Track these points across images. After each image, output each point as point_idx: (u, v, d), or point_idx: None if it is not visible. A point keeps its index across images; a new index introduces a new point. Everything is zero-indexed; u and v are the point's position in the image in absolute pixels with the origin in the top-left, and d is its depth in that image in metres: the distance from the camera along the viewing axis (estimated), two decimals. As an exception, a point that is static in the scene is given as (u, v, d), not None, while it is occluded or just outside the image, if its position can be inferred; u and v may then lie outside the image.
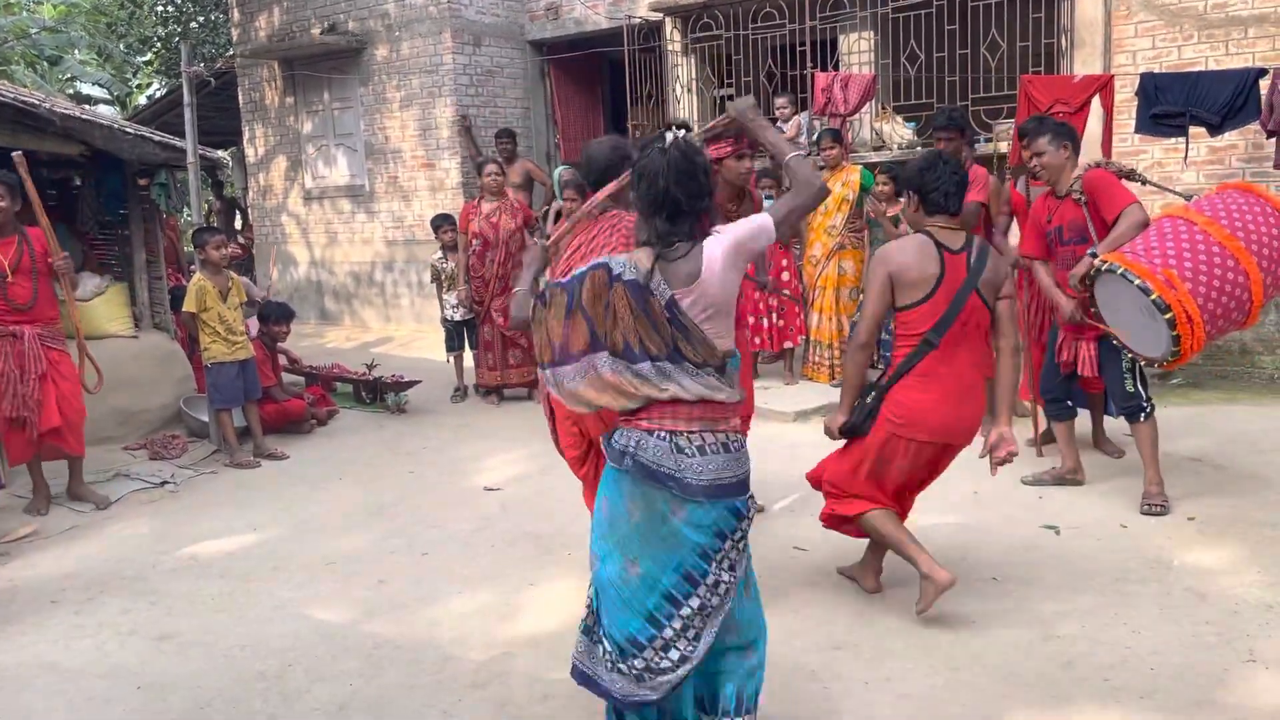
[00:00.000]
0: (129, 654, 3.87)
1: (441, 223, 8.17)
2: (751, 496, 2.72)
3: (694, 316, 2.57)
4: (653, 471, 2.57)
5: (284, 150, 12.24)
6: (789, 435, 6.40)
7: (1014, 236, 6.41)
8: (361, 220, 11.78)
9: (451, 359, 8.19)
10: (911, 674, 3.41)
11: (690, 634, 2.61)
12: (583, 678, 2.76)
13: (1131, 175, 5.12)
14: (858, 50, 9.26)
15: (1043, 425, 5.83)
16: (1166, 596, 3.88)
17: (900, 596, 3.97)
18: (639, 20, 10.35)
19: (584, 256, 3.44)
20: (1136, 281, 4.24)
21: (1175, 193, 5.64)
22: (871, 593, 4.02)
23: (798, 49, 9.39)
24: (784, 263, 7.58)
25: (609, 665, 2.67)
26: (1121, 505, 4.87)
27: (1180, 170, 7.19)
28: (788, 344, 7.64)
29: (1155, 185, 5.52)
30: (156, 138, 6.96)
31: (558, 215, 8.00)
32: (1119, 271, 4.30)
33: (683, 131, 2.70)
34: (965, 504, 5.01)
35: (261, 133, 12.42)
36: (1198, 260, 4.27)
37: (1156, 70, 7.10)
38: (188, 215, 12.61)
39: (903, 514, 3.91)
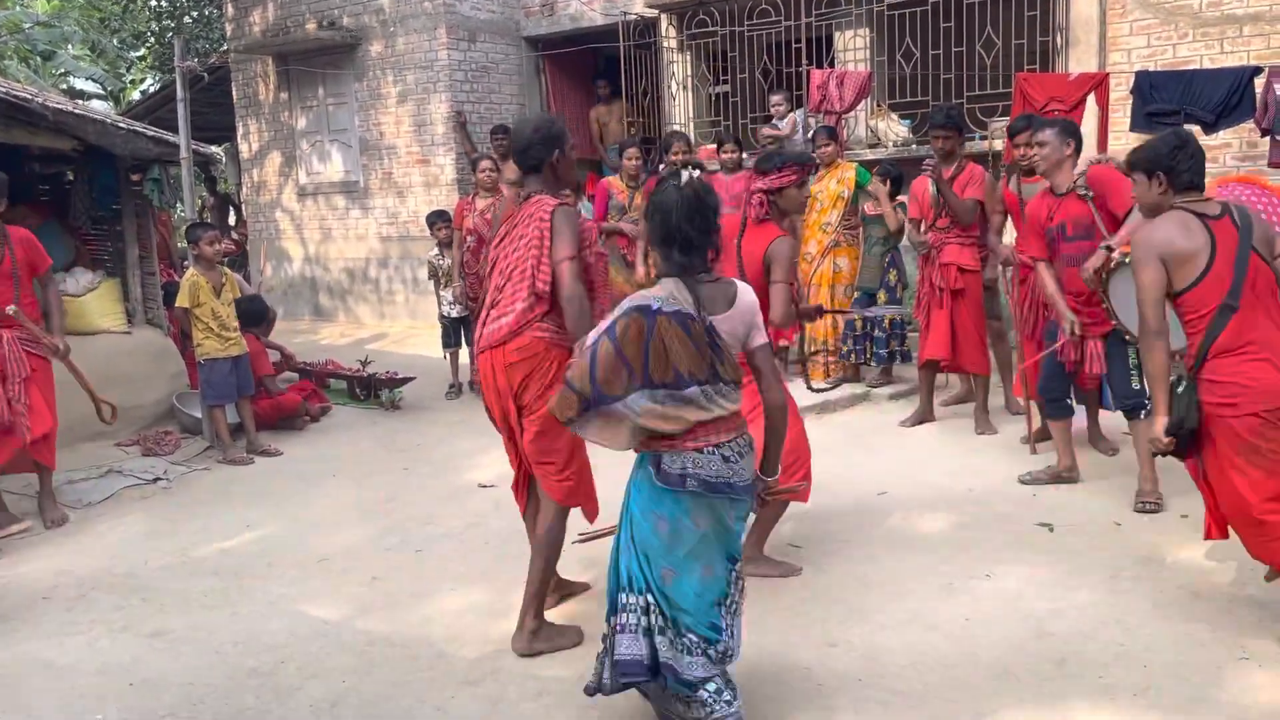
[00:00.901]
0: (121, 651, 3.86)
1: (437, 219, 8.16)
2: (772, 490, 3.15)
3: (726, 339, 2.86)
4: (714, 485, 2.84)
5: (278, 146, 12.20)
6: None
7: (1008, 235, 6.42)
8: (356, 216, 11.76)
9: (447, 355, 8.18)
10: (905, 671, 3.41)
11: (734, 606, 2.99)
12: (666, 676, 2.90)
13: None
14: (853, 47, 9.26)
15: (1036, 423, 5.84)
16: (1160, 594, 3.88)
17: (894, 593, 3.98)
18: (634, 17, 10.34)
19: (511, 243, 3.61)
20: None
21: None
22: None
23: (793, 46, 9.38)
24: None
25: (694, 653, 2.90)
26: (1115, 503, 4.88)
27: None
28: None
29: None
30: (150, 133, 6.94)
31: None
32: None
33: (697, 171, 2.88)
34: (960, 501, 5.01)
35: (255, 128, 12.38)
36: None
37: (1152, 68, 7.11)
38: (181, 211, 12.54)
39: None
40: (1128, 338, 4.69)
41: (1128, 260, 4.42)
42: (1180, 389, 3.48)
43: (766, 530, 4.26)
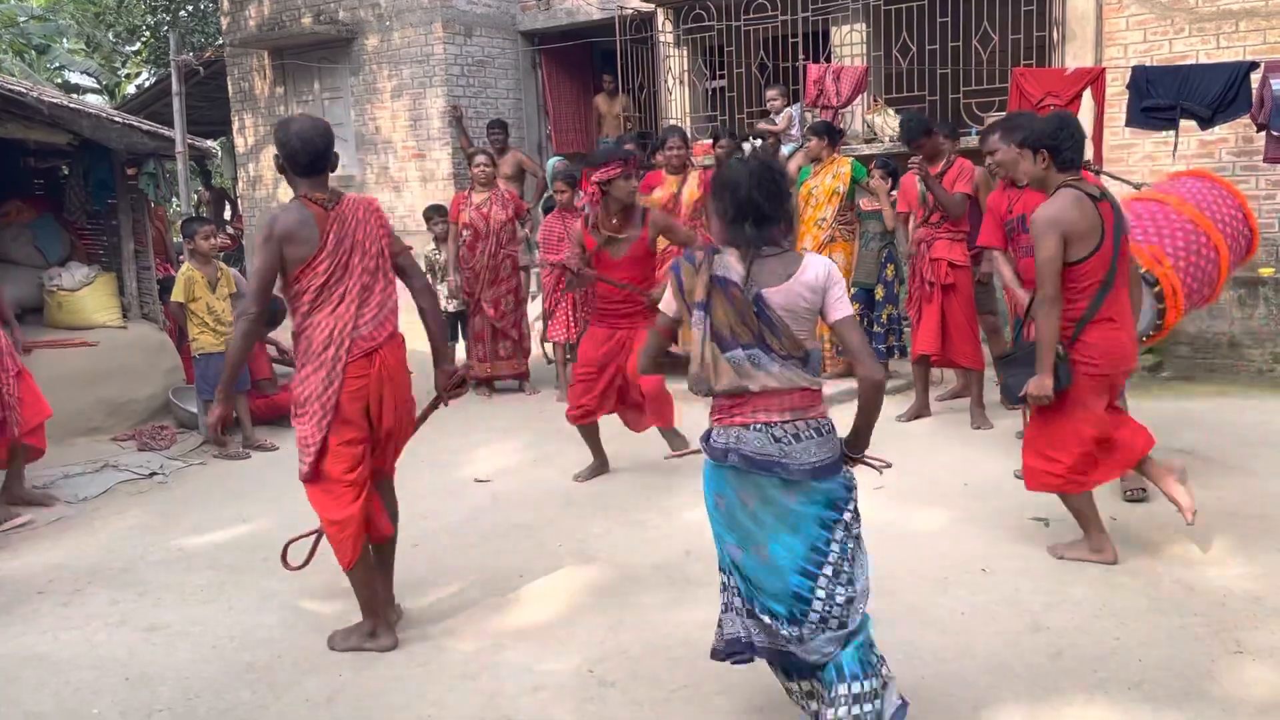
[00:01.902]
0: (117, 645, 3.85)
1: (433, 214, 8.15)
2: (866, 458, 2.95)
3: (779, 312, 2.75)
4: (756, 461, 2.73)
5: (274, 140, 12.17)
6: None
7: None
8: (352, 211, 11.72)
9: (442, 350, 8.16)
10: (900, 666, 3.40)
11: (843, 579, 2.77)
12: (765, 654, 2.86)
13: (1086, 165, 5.13)
14: (849, 42, 9.25)
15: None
16: (1155, 588, 3.89)
17: (889, 588, 3.98)
18: (631, 11, 10.33)
19: (356, 242, 3.64)
20: None
21: (1128, 183, 5.69)
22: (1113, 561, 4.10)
23: (790, 41, 9.38)
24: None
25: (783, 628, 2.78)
26: (1110, 498, 4.88)
27: (1170, 163, 7.20)
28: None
29: (1109, 174, 5.57)
30: (145, 127, 6.93)
31: (549, 208, 8.00)
32: None
33: (759, 142, 2.85)
34: (955, 496, 5.02)
35: (251, 122, 12.36)
36: (1175, 238, 4.49)
37: (1148, 63, 7.11)
38: (176, 205, 12.55)
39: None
40: None
41: None
42: (1061, 354, 3.89)
43: None
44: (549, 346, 7.94)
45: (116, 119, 6.89)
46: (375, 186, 11.44)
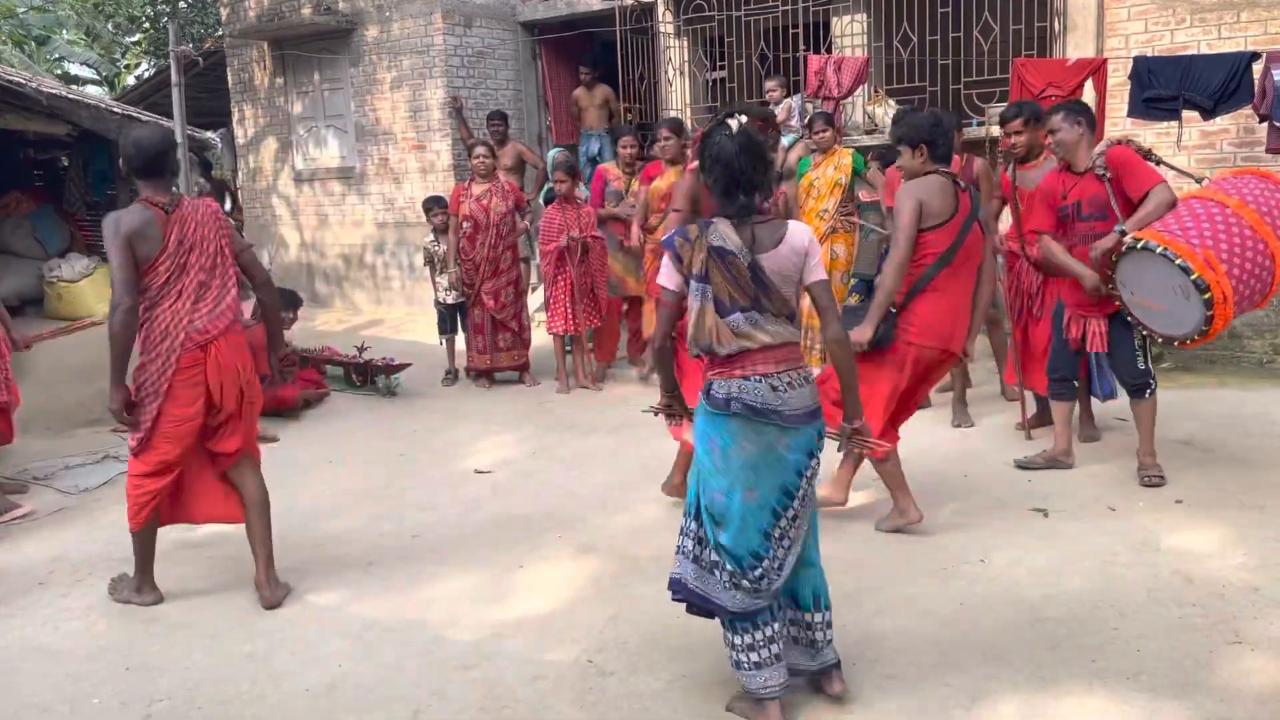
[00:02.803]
0: (117, 635, 3.86)
1: (433, 205, 8.14)
2: (866, 440, 3.35)
3: (772, 276, 2.99)
4: (758, 409, 2.97)
5: (274, 131, 12.16)
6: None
7: (1003, 224, 6.41)
8: (352, 202, 11.73)
9: (443, 342, 8.17)
10: (898, 656, 3.42)
11: (786, 542, 3.05)
12: (696, 598, 3.10)
13: (1148, 155, 5.08)
14: (851, 33, 9.22)
15: (1031, 409, 5.85)
16: (1153, 579, 3.89)
17: (888, 578, 3.99)
18: (631, 2, 10.30)
19: (195, 241, 3.90)
20: (1178, 261, 4.32)
21: (1190, 176, 5.61)
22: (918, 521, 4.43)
23: (790, 31, 9.35)
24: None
25: (726, 585, 3.03)
26: (1109, 488, 4.89)
27: (1172, 154, 7.18)
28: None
29: (1170, 167, 5.47)
30: (144, 118, 6.92)
31: (549, 199, 7.99)
32: (1158, 250, 4.34)
33: (743, 117, 3.08)
34: (955, 487, 5.02)
35: (251, 114, 12.34)
36: (1232, 242, 4.38)
37: (1149, 54, 7.09)
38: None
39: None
40: (1130, 319, 4.70)
41: (1140, 245, 4.44)
42: (891, 313, 4.25)
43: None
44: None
45: (116, 110, 6.89)
46: (375, 178, 11.42)
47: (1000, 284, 6.14)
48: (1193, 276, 4.30)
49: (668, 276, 3.07)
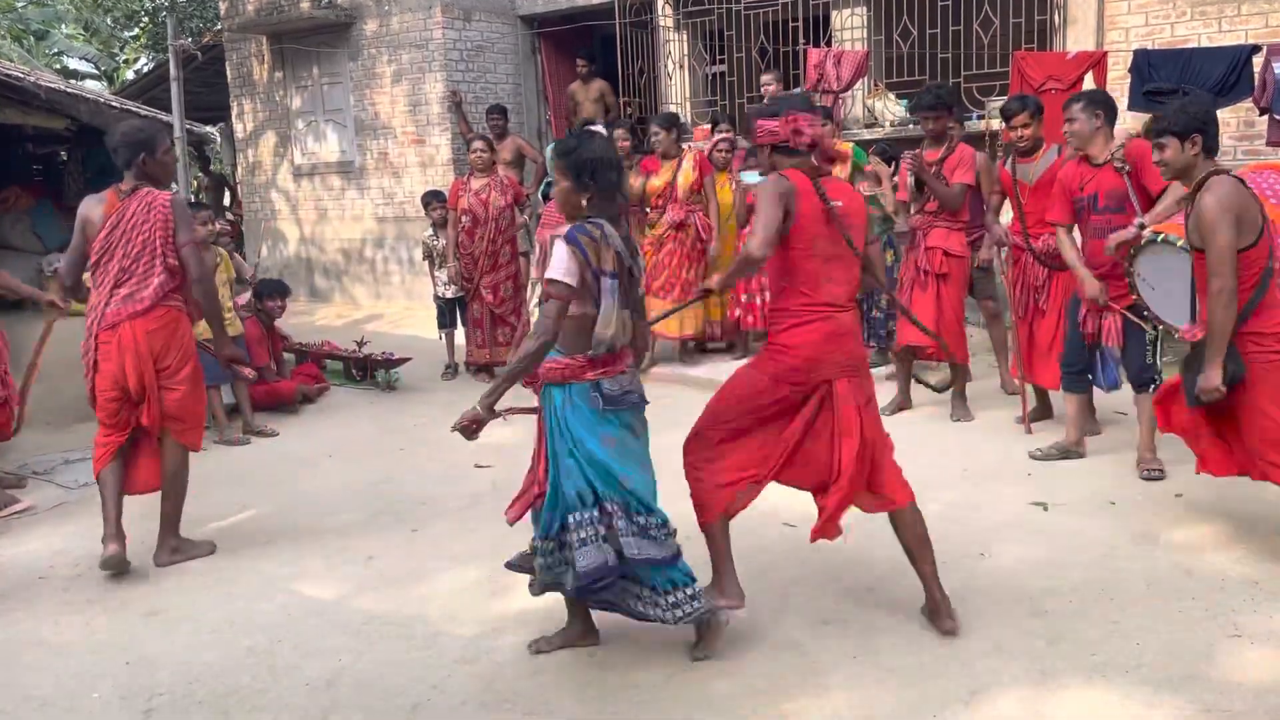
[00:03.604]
0: (117, 630, 3.87)
1: (432, 199, 8.13)
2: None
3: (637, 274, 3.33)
4: (641, 398, 3.34)
5: (273, 126, 12.14)
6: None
7: (1004, 217, 6.41)
8: (352, 197, 11.72)
9: (443, 336, 8.17)
10: (899, 649, 3.42)
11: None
12: (641, 564, 3.25)
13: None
14: (850, 26, 9.21)
15: (1030, 404, 5.84)
16: (1153, 572, 3.90)
17: (888, 572, 3.99)
18: (631, -5, 10.29)
19: (129, 230, 4.23)
20: None
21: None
22: None
23: (790, 25, 9.34)
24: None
25: (660, 539, 3.27)
26: (1110, 482, 4.89)
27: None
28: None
29: None
30: (143, 112, 6.92)
31: (548, 193, 7.97)
32: (1179, 244, 4.32)
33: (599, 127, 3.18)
34: (954, 481, 5.02)
35: (250, 108, 12.32)
36: None
37: (1150, 47, 7.08)
38: (175, 191, 12.51)
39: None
40: (1146, 313, 4.69)
41: (1158, 239, 4.42)
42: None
43: None
44: None
45: (115, 104, 6.88)
46: (374, 172, 11.41)
47: (1003, 277, 6.13)
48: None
49: (566, 271, 3.12)
